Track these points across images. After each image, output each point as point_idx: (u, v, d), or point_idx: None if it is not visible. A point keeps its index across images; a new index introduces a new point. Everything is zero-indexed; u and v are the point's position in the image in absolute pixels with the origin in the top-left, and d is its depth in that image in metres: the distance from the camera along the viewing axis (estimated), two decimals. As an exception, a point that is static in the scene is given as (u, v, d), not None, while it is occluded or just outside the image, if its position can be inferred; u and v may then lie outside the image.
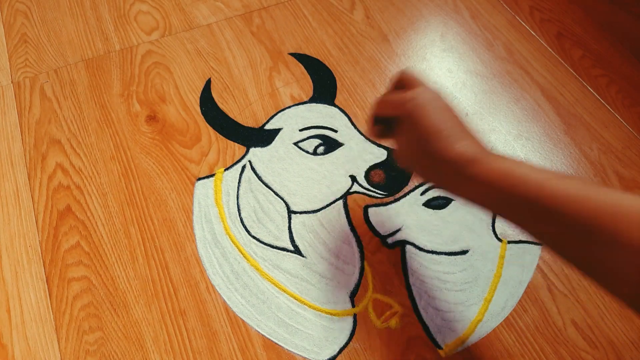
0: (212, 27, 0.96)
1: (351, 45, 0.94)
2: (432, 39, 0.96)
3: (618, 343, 0.65)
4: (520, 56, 0.93)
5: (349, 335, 0.65)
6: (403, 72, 0.58)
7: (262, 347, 0.63)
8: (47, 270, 0.68)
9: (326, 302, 0.67)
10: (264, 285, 0.68)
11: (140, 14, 0.98)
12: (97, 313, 0.65)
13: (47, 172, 0.77)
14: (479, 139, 0.51)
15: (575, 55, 0.93)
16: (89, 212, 0.73)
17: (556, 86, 0.89)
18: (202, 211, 0.74)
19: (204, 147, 0.80)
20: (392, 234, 0.72)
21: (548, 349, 0.64)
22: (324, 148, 0.80)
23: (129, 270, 0.69)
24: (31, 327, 0.64)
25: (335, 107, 0.85)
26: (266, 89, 0.87)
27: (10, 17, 0.97)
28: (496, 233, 0.73)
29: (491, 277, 0.69)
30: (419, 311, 0.66)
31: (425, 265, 0.70)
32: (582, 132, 0.83)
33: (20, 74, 0.89)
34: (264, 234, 0.72)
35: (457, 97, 0.88)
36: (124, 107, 0.85)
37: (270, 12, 0.98)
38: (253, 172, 0.77)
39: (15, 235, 0.71)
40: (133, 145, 0.80)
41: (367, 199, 0.75)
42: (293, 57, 0.92)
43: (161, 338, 0.64)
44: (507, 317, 0.66)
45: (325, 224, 0.73)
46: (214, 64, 0.91)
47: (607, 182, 0.78)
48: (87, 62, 0.91)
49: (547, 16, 0.99)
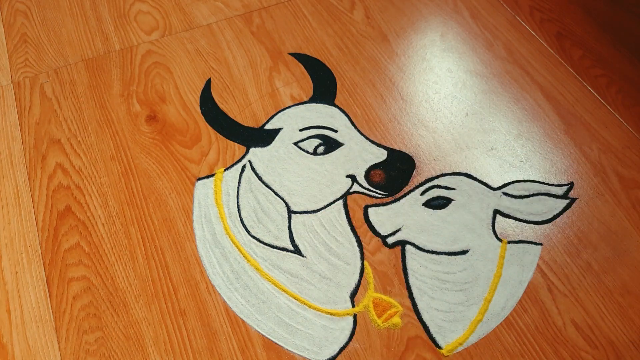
0: (212, 27, 0.96)
1: (351, 45, 0.94)
2: (432, 39, 0.96)
3: (618, 343, 0.65)
4: (520, 56, 0.93)
5: (349, 335, 0.65)
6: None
7: (262, 347, 0.63)
8: (47, 270, 0.68)
9: (326, 302, 0.67)
10: (264, 285, 0.68)
11: (140, 14, 0.98)
12: (97, 313, 0.65)
13: (47, 172, 0.77)
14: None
15: (575, 55, 0.93)
16: (89, 212, 0.73)
17: (556, 86, 0.89)
18: (202, 211, 0.74)
19: (204, 147, 0.80)
20: (392, 234, 0.72)
21: (548, 349, 0.64)
22: (324, 148, 0.80)
23: (129, 270, 0.69)
24: (31, 327, 0.64)
25: (335, 107, 0.85)
26: (266, 89, 0.87)
27: (10, 17, 0.97)
28: (496, 233, 0.73)
29: (491, 277, 0.69)
30: (419, 311, 0.66)
31: (425, 265, 0.70)
32: (582, 132, 0.83)
33: (20, 74, 0.89)
34: (264, 234, 0.72)
35: (457, 97, 0.88)
36: (124, 107, 0.85)
37: (270, 12, 0.98)
38: (253, 172, 0.77)
39: (15, 235, 0.71)
40: (133, 145, 0.80)
41: (367, 199, 0.75)
42: (293, 57, 0.92)
43: (161, 338, 0.64)
44: (507, 317, 0.66)
45: (325, 224, 0.73)
46: (214, 64, 0.91)
47: (607, 182, 0.78)
48: (87, 62, 0.91)
49: (547, 16, 0.99)
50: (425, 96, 0.88)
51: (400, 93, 0.88)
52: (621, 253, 0.71)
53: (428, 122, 0.84)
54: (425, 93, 0.88)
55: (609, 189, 0.77)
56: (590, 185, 0.77)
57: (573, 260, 0.71)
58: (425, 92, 0.88)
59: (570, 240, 0.72)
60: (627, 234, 0.73)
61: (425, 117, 0.85)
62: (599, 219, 0.74)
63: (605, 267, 0.70)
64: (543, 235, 0.73)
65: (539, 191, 0.76)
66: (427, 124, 0.84)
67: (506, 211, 0.75)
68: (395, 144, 0.81)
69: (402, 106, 0.86)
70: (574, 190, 0.77)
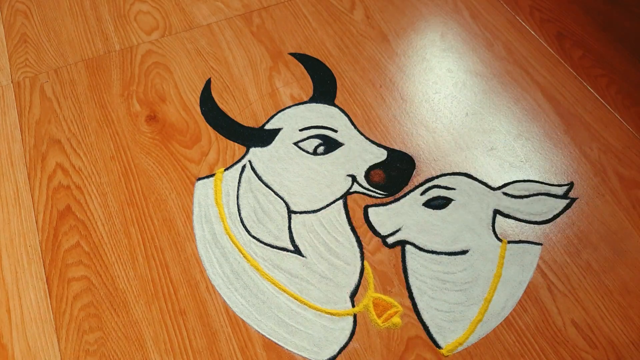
0: (212, 27, 0.96)
1: (351, 45, 0.94)
2: (432, 39, 0.96)
3: (618, 343, 0.65)
4: (520, 56, 0.93)
5: (349, 335, 0.65)
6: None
7: (262, 346, 0.63)
8: (47, 270, 0.68)
9: (326, 302, 0.67)
10: (264, 285, 0.68)
11: (140, 14, 0.98)
12: (97, 313, 0.65)
13: (47, 172, 0.77)
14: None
15: (575, 55, 0.93)
16: (89, 212, 0.73)
17: (556, 86, 0.89)
18: (202, 211, 0.74)
19: (204, 147, 0.80)
20: (392, 234, 0.72)
21: (548, 349, 0.64)
22: (324, 148, 0.80)
23: (129, 270, 0.69)
24: (31, 327, 0.64)
25: (335, 107, 0.85)
26: (266, 89, 0.87)
27: (10, 17, 0.97)
28: (496, 233, 0.73)
29: (491, 277, 0.69)
30: (419, 311, 0.66)
31: (425, 265, 0.70)
32: (582, 132, 0.83)
33: (20, 74, 0.89)
34: (264, 234, 0.72)
35: (457, 97, 0.88)
36: (124, 107, 0.85)
37: (270, 12, 0.98)
38: (253, 172, 0.77)
39: (15, 235, 0.71)
40: (133, 145, 0.80)
41: (367, 199, 0.75)
42: (293, 57, 0.92)
43: (161, 338, 0.64)
44: (507, 317, 0.66)
45: (325, 224, 0.73)
46: (214, 63, 0.91)
47: (607, 182, 0.78)
48: (87, 62, 0.91)
49: (547, 16, 0.99)
50: (425, 96, 0.88)
51: (400, 93, 0.88)
52: (621, 253, 0.71)
53: (428, 122, 0.84)
54: (425, 93, 0.88)
55: (609, 189, 0.77)
56: (590, 185, 0.77)
57: (573, 260, 0.71)
58: (425, 92, 0.88)
59: (570, 240, 0.72)
60: (627, 234, 0.73)
61: (425, 117, 0.85)
62: (599, 219, 0.74)
63: (605, 267, 0.70)
64: (543, 235, 0.73)
65: (539, 191, 0.76)
66: (427, 124, 0.84)
67: (506, 211, 0.75)
68: (395, 144, 0.81)
69: (402, 106, 0.86)
70: (574, 190, 0.77)
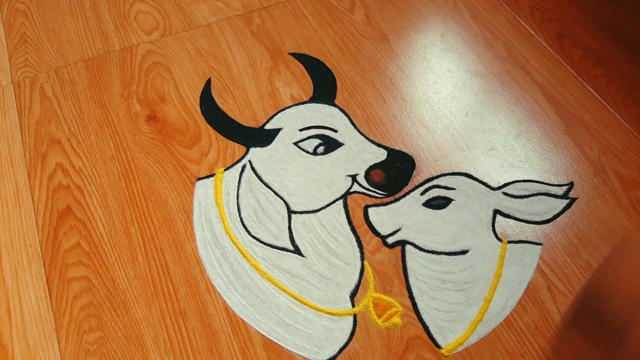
0: (212, 27, 0.96)
1: (351, 45, 0.94)
2: (432, 39, 0.96)
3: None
4: (520, 56, 0.93)
5: (349, 335, 0.65)
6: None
7: (262, 346, 0.63)
8: (47, 270, 0.68)
9: (326, 302, 0.67)
10: (264, 285, 0.68)
11: (140, 13, 0.98)
12: (97, 313, 0.65)
13: (47, 172, 0.77)
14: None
15: (575, 55, 0.93)
16: (89, 212, 0.73)
17: (556, 86, 0.89)
18: (202, 211, 0.74)
19: (204, 147, 0.80)
20: (392, 234, 0.72)
21: (548, 349, 0.64)
22: (324, 148, 0.80)
23: (129, 270, 0.69)
24: (31, 327, 0.64)
25: (335, 107, 0.85)
26: (266, 88, 0.87)
27: (10, 17, 0.97)
28: (496, 233, 0.73)
29: (491, 277, 0.69)
30: (419, 311, 0.66)
31: (425, 265, 0.70)
32: (582, 132, 0.83)
33: (20, 74, 0.89)
34: (264, 233, 0.72)
35: (457, 97, 0.88)
36: (124, 107, 0.85)
37: (270, 12, 0.98)
38: (253, 172, 0.77)
39: (15, 235, 0.71)
40: (133, 145, 0.80)
41: (367, 199, 0.75)
42: (293, 57, 0.92)
43: (161, 338, 0.64)
44: (507, 317, 0.66)
45: (325, 224, 0.73)
46: (214, 63, 0.91)
47: (607, 182, 0.78)
48: (87, 62, 0.91)
49: (547, 16, 0.99)
50: (425, 96, 0.88)
51: (400, 93, 0.88)
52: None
53: (428, 122, 0.84)
54: (425, 93, 0.88)
55: (609, 189, 0.77)
56: (590, 185, 0.77)
57: (573, 260, 0.71)
58: (425, 92, 0.88)
59: (570, 240, 0.72)
60: (627, 234, 0.73)
61: (425, 117, 0.85)
62: (599, 219, 0.74)
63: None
64: (543, 235, 0.73)
65: (539, 191, 0.76)
66: (427, 124, 0.84)
67: (506, 211, 0.75)
68: (395, 144, 0.81)
69: (402, 106, 0.86)
70: (574, 190, 0.77)
